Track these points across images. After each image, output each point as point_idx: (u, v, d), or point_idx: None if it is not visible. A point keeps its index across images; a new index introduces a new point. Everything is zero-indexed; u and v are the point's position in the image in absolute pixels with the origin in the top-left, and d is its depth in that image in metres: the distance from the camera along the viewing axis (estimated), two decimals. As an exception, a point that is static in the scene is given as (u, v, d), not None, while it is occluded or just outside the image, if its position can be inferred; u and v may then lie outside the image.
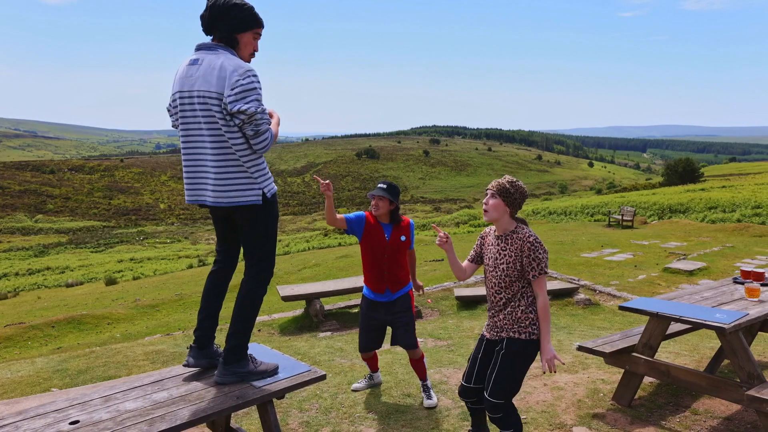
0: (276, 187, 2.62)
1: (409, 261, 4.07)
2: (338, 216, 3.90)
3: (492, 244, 2.87)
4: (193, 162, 2.49)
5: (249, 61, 2.55)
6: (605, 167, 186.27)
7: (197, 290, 15.99)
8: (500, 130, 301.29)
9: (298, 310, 7.65)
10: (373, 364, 4.28)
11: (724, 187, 37.02)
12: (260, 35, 2.55)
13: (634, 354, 3.66)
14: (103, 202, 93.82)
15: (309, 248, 30.84)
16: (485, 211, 2.78)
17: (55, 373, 4.92)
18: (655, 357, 3.72)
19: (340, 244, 30.31)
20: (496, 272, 2.81)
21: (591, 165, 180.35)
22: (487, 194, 2.81)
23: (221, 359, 2.55)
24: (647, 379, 4.14)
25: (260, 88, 2.40)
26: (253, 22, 2.49)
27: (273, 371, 2.61)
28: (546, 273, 2.72)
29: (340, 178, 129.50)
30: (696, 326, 3.24)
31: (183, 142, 2.51)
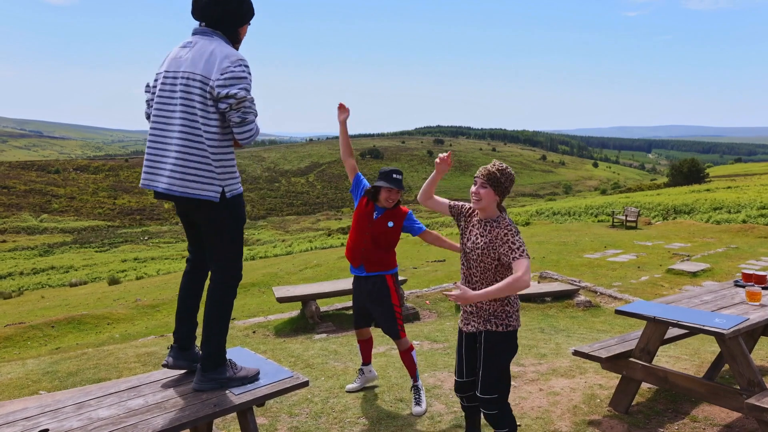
0: (242, 188, 2.49)
1: (434, 239, 3.85)
2: (353, 163, 3.91)
3: (474, 226, 2.80)
4: (155, 144, 2.37)
5: (238, 48, 2.52)
6: (610, 167, 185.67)
7: (198, 290, 15.95)
8: (504, 130, 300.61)
9: (294, 311, 7.57)
10: (365, 352, 4.17)
11: (729, 187, 36.78)
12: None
13: (632, 359, 3.56)
14: (107, 202, 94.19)
15: (312, 248, 30.80)
16: (476, 200, 2.69)
17: (44, 375, 4.86)
18: (653, 362, 3.62)
19: (342, 244, 30.26)
20: (473, 255, 2.75)
21: (595, 165, 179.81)
22: (476, 183, 2.70)
23: (199, 366, 2.47)
24: (646, 385, 4.04)
25: (250, 81, 2.33)
26: (252, 14, 2.50)
27: (253, 377, 2.53)
28: (527, 257, 2.60)
29: (344, 178, 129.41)
30: (694, 331, 3.14)
31: (152, 122, 2.40)
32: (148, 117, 2.54)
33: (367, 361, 4.22)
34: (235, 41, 2.47)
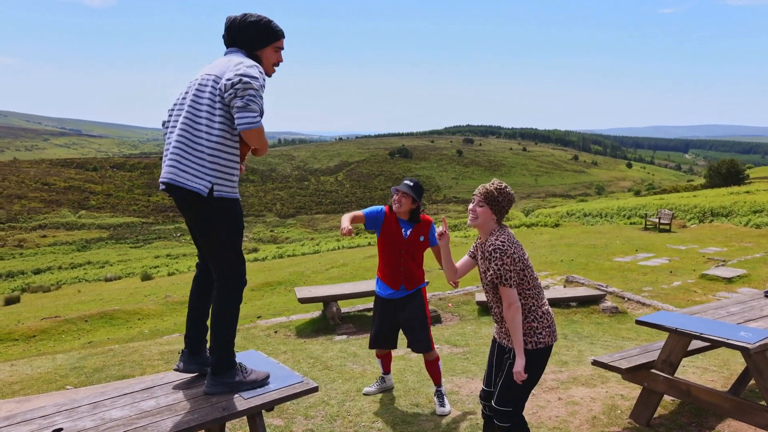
0: (235, 195, 2.47)
1: (444, 254, 3.93)
2: (357, 216, 3.83)
3: (479, 252, 2.83)
4: (167, 144, 2.51)
5: (272, 72, 2.57)
6: (644, 168, 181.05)
7: (226, 288, 16.19)
8: (535, 129, 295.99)
9: (316, 311, 7.62)
10: (386, 364, 4.24)
11: (770, 189, 35.39)
12: (282, 47, 2.55)
13: (653, 371, 3.46)
14: (142, 199, 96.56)
15: (339, 247, 30.91)
16: (472, 217, 2.72)
17: (72, 370, 5.01)
18: (677, 373, 3.51)
19: (369, 244, 30.29)
20: (483, 281, 2.79)
21: (629, 166, 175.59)
22: (473, 200, 2.73)
23: (209, 369, 2.51)
24: (669, 397, 3.92)
25: (262, 87, 2.34)
26: (272, 37, 2.50)
27: (263, 381, 2.55)
28: (506, 286, 2.62)
29: (373, 177, 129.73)
30: (718, 345, 3.03)
31: (170, 125, 2.51)
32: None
33: (387, 371, 4.28)
34: (258, 62, 2.49)
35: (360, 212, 3.84)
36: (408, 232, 3.83)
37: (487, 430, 3.10)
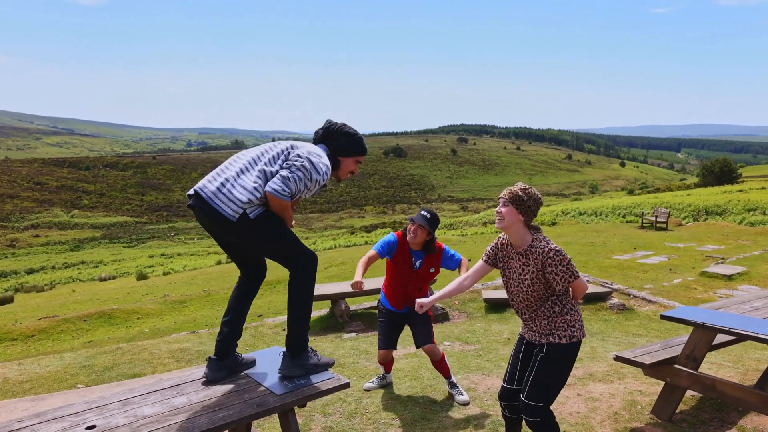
0: (263, 208, 2.52)
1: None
2: (372, 257, 3.85)
3: (512, 258, 2.78)
4: (228, 162, 2.58)
5: (345, 178, 2.77)
6: (637, 167, 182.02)
7: (225, 286, 16.13)
8: (529, 129, 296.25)
9: (323, 309, 7.57)
10: (387, 367, 4.32)
11: (763, 188, 35.64)
12: (361, 162, 2.79)
13: (676, 366, 3.45)
14: (135, 199, 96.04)
15: (335, 246, 30.83)
16: (498, 219, 2.67)
17: (81, 369, 4.94)
18: (698, 369, 3.50)
19: (366, 243, 30.24)
20: (521, 287, 2.74)
21: (623, 165, 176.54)
22: (499, 203, 2.69)
23: (285, 352, 2.61)
24: (689, 392, 3.91)
25: (316, 182, 2.47)
26: (357, 151, 2.71)
27: (331, 363, 2.68)
28: (578, 277, 2.65)
29: (367, 177, 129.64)
30: (744, 339, 3.02)
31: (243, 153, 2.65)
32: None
33: (388, 371, 4.36)
34: (336, 166, 2.68)
35: (373, 251, 3.88)
36: (419, 263, 3.90)
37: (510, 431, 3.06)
